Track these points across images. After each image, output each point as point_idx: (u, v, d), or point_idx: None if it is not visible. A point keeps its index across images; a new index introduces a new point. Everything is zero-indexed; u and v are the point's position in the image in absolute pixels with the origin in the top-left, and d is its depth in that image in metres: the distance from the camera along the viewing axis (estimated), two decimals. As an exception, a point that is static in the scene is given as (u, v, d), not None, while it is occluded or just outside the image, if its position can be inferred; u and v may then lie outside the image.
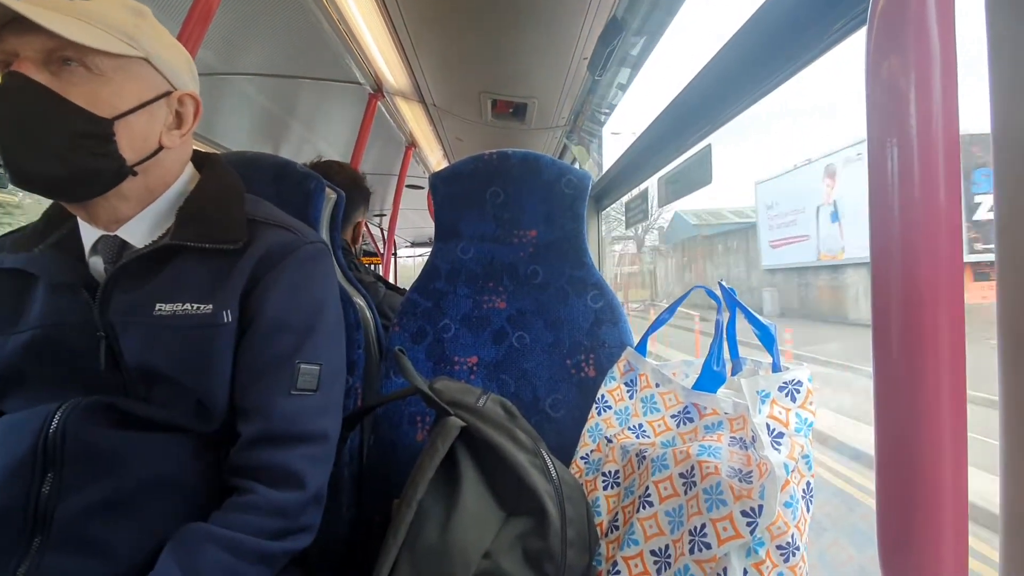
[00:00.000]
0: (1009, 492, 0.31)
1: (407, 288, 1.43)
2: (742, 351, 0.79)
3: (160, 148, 0.66)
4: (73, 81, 0.58)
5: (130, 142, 0.63)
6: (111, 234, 0.66)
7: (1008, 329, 0.31)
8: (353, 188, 1.38)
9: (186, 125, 0.69)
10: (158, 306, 0.63)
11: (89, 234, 0.66)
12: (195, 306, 0.63)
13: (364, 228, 1.54)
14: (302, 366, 0.66)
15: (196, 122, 0.70)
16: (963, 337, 0.34)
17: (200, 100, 0.70)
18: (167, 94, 0.66)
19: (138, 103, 0.63)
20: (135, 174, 0.64)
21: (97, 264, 0.66)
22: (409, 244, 7.89)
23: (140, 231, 0.67)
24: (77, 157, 0.59)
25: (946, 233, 0.34)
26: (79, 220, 0.67)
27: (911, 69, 0.34)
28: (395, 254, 6.08)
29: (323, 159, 1.46)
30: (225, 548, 0.56)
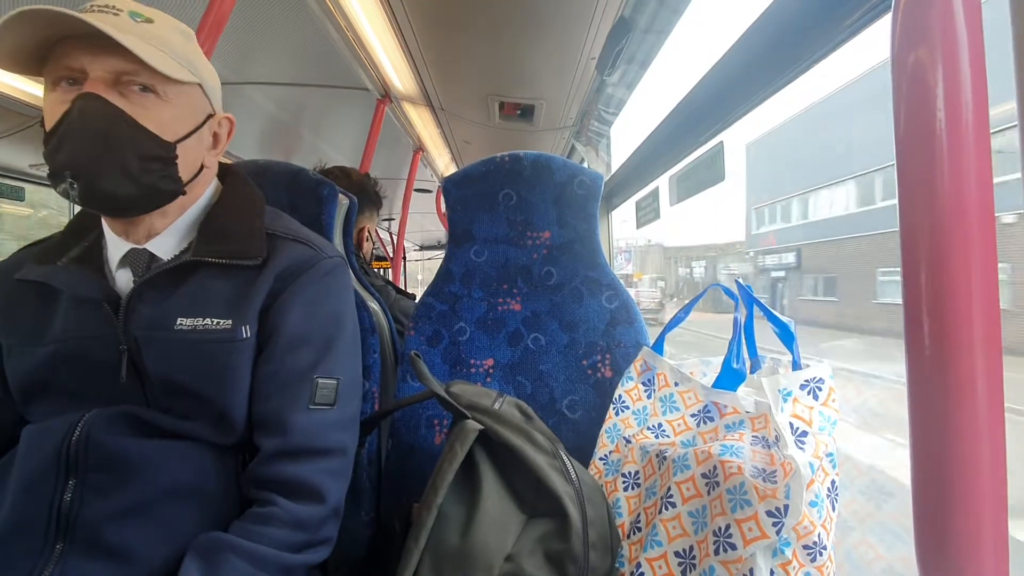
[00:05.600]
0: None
1: (415, 292, 1.44)
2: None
3: (202, 168, 0.69)
4: (145, 105, 0.61)
5: (185, 164, 0.65)
6: (140, 247, 0.67)
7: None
8: (359, 194, 1.38)
9: (221, 145, 0.72)
10: (179, 321, 0.64)
11: (117, 248, 0.68)
12: (215, 321, 0.64)
13: (373, 233, 1.54)
14: (320, 381, 0.67)
15: (229, 141, 0.73)
16: (999, 333, 0.33)
17: (234, 120, 0.73)
18: (210, 116, 0.69)
19: (193, 127, 0.66)
20: (184, 193, 0.67)
21: (123, 277, 0.68)
22: (418, 248, 7.92)
23: (168, 244, 0.68)
24: (150, 179, 0.62)
25: (979, 229, 0.33)
26: (106, 233, 0.69)
27: (938, 61, 0.33)
28: (404, 258, 6.10)
29: (326, 165, 1.46)
30: (246, 559, 0.57)
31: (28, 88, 1.84)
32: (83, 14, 0.55)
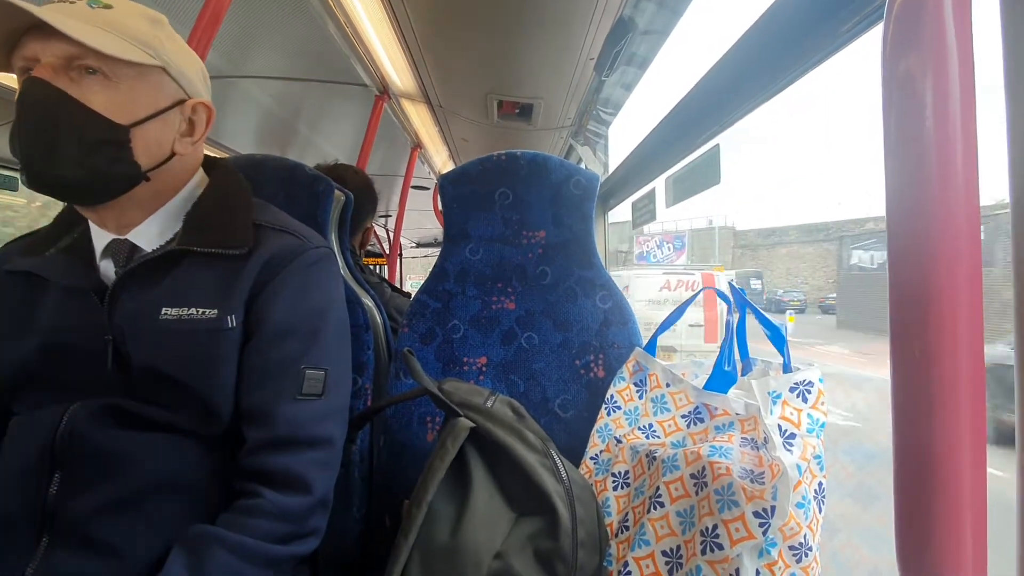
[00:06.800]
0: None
1: (410, 291, 1.44)
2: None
3: (172, 155, 0.68)
4: (93, 88, 0.59)
5: (145, 148, 0.64)
6: (121, 238, 0.67)
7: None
8: (365, 193, 1.38)
9: (198, 132, 0.70)
10: (164, 310, 0.64)
11: (100, 238, 0.67)
12: (200, 311, 0.64)
13: (372, 232, 1.55)
14: (307, 371, 0.67)
15: (208, 130, 0.72)
16: (981, 337, 0.34)
17: (213, 108, 0.71)
18: (181, 102, 0.68)
19: (154, 111, 0.64)
20: (148, 179, 0.65)
21: (107, 268, 0.67)
22: (414, 245, 7.92)
23: (149, 235, 0.68)
24: (95, 162, 0.60)
25: (965, 234, 0.34)
26: (90, 224, 0.68)
27: (929, 68, 0.34)
28: (400, 255, 6.09)
29: (337, 162, 1.46)
30: (232, 551, 0.57)
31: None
32: (32, 5, 0.55)
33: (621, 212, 1.99)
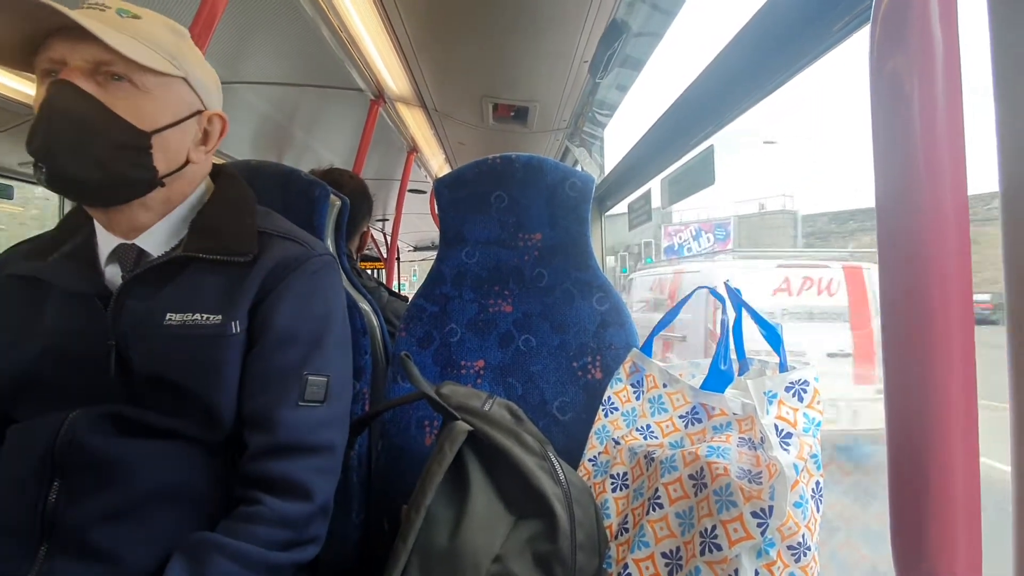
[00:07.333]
0: (1021, 489, 0.31)
1: (407, 295, 1.44)
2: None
3: (187, 163, 0.69)
4: (119, 94, 0.61)
5: (164, 155, 0.65)
6: (129, 243, 0.67)
7: (1017, 329, 0.31)
8: (361, 197, 1.39)
9: (212, 142, 0.72)
10: (168, 316, 0.64)
11: (107, 243, 0.68)
12: (205, 316, 0.64)
13: (369, 236, 1.55)
14: (310, 378, 0.67)
15: (221, 140, 0.73)
16: (972, 335, 0.34)
17: (227, 119, 0.73)
18: (199, 112, 0.69)
19: (174, 119, 0.66)
20: (163, 185, 0.67)
21: (113, 273, 0.68)
22: (412, 248, 7.92)
23: (157, 240, 0.68)
24: (116, 166, 0.62)
25: (954, 233, 0.34)
26: (97, 229, 0.69)
27: (915, 69, 0.34)
28: (398, 259, 6.08)
29: (333, 166, 1.46)
30: (232, 558, 0.57)
31: (15, 85, 1.83)
32: (66, 8, 0.56)
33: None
